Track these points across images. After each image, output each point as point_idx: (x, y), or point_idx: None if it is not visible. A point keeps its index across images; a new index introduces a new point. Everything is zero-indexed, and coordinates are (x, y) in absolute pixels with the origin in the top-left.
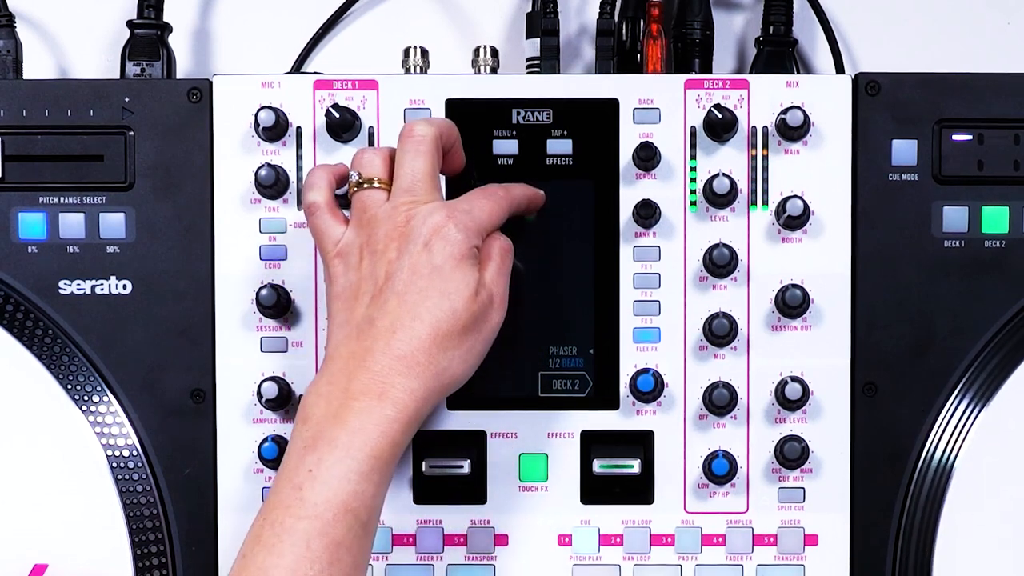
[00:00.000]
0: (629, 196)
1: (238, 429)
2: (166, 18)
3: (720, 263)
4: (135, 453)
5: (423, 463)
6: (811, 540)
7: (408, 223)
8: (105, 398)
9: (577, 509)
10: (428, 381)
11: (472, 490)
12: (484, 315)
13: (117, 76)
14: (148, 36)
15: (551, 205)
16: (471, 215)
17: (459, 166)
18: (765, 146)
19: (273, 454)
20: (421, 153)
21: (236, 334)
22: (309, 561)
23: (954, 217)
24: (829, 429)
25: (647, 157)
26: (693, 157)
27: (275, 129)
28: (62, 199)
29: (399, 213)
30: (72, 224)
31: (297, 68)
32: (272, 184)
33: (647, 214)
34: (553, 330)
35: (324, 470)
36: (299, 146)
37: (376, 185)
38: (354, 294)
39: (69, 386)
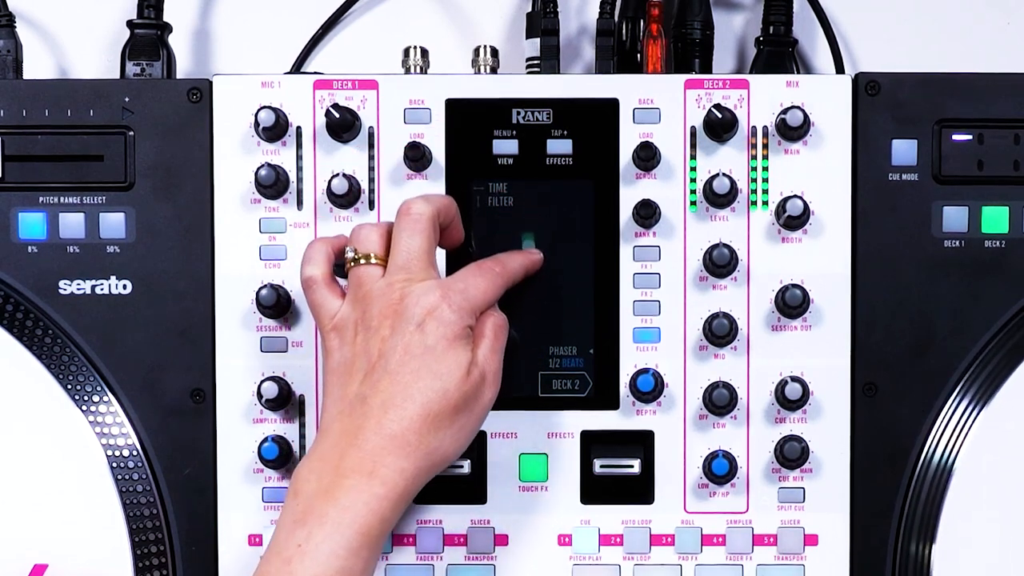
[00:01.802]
0: (629, 196)
1: (238, 429)
2: (166, 18)
3: (720, 263)
4: (135, 453)
5: None
6: (811, 540)
7: (402, 301)
8: (105, 398)
9: (577, 509)
10: (418, 460)
11: (472, 490)
12: (476, 394)
13: (117, 76)
14: (148, 36)
15: (551, 204)
16: (465, 295)
17: (458, 240)
18: (765, 146)
19: (273, 454)
20: (417, 232)
21: (236, 334)
22: None
23: (954, 217)
24: (829, 429)
25: (647, 157)
26: (693, 157)
27: (275, 129)
28: (62, 199)
29: (394, 291)
30: (72, 224)
31: (297, 68)
32: (272, 184)
33: (647, 214)
34: (553, 330)
35: (313, 546)
36: (299, 146)
37: (373, 261)
38: (348, 369)
39: (69, 386)
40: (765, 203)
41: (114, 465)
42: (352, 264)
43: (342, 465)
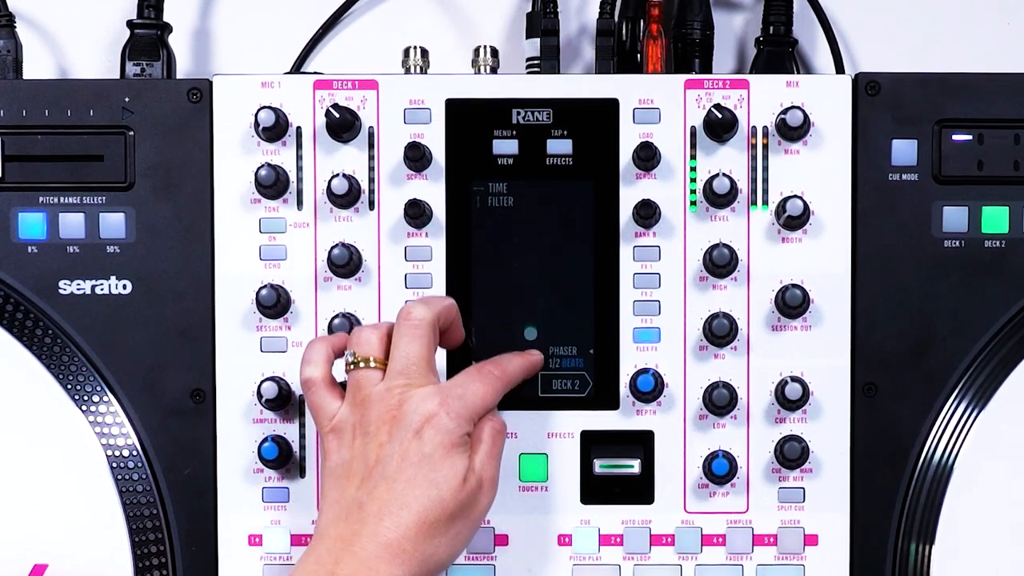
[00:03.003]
0: (629, 196)
1: (238, 429)
2: (166, 18)
3: (720, 263)
4: (135, 453)
5: None
6: (811, 540)
7: (401, 407)
8: (105, 398)
9: (577, 509)
10: (413, 568)
11: None
12: (472, 502)
13: (117, 76)
14: (148, 36)
15: (551, 203)
16: (464, 401)
17: (457, 341)
18: (765, 146)
19: (273, 454)
20: (417, 337)
21: (236, 334)
22: None
23: (954, 217)
24: (829, 429)
25: (647, 157)
26: (693, 157)
27: (275, 129)
28: (62, 199)
29: (392, 396)
30: (72, 224)
31: (297, 68)
32: (272, 184)
33: (647, 214)
34: (553, 330)
35: None
36: (299, 146)
37: (372, 365)
38: (346, 473)
39: (69, 386)
40: (765, 203)
41: (114, 465)
42: (351, 367)
43: (337, 571)
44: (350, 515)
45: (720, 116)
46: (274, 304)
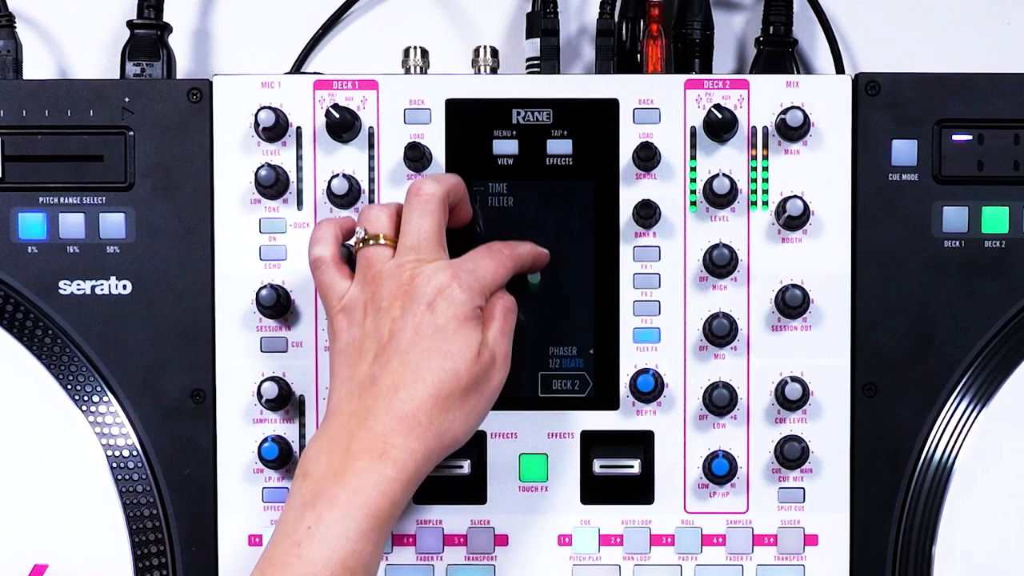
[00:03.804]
0: (629, 196)
1: (238, 429)
2: (166, 18)
3: (720, 263)
4: (135, 453)
5: None
6: (811, 540)
7: (412, 282)
8: (105, 398)
9: (577, 509)
10: (429, 442)
11: (472, 490)
12: (486, 375)
13: (117, 76)
14: (148, 36)
15: (551, 204)
16: (475, 275)
17: (466, 219)
18: (765, 146)
19: (273, 454)
20: (428, 212)
21: (236, 334)
22: None
23: (954, 217)
24: (829, 429)
25: (647, 157)
26: (693, 157)
27: (275, 129)
28: (62, 199)
29: (404, 271)
30: (72, 224)
31: (297, 68)
32: (272, 184)
33: (647, 214)
34: (553, 330)
35: (323, 528)
36: (299, 146)
37: (382, 242)
38: (357, 351)
39: (69, 386)
40: (765, 203)
41: (114, 465)
42: (361, 245)
43: (352, 447)
44: (364, 391)
45: (720, 116)
46: (274, 304)
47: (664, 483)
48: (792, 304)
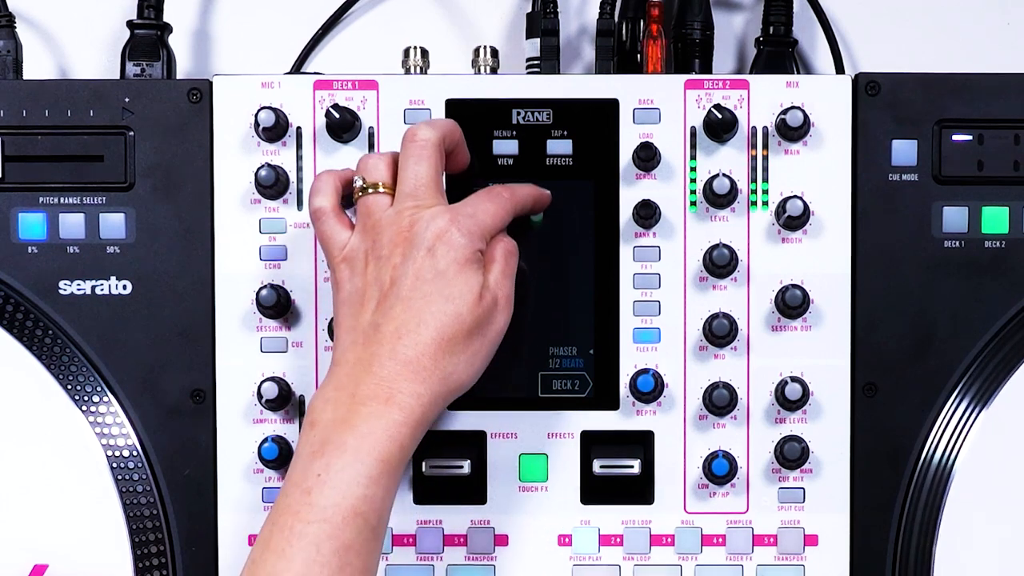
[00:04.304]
0: (629, 196)
1: (238, 429)
2: (166, 18)
3: (720, 263)
4: (135, 453)
5: (423, 463)
6: (811, 540)
7: (412, 228)
8: (105, 398)
9: (577, 509)
10: (434, 386)
11: (472, 490)
12: (489, 318)
13: (117, 76)
14: (148, 36)
15: (551, 205)
16: (475, 219)
17: (463, 165)
18: (765, 146)
19: (273, 454)
20: (424, 158)
21: (236, 334)
22: (319, 565)
23: (954, 217)
24: (829, 429)
25: (647, 157)
26: (693, 157)
27: (275, 129)
28: (62, 199)
29: (403, 218)
30: (72, 224)
31: (297, 68)
32: (272, 184)
33: (647, 214)
34: (553, 330)
35: (333, 474)
36: (299, 146)
37: (380, 190)
38: (360, 299)
39: (69, 386)
40: (765, 203)
41: (114, 465)
42: (360, 194)
43: (358, 393)
44: (368, 338)
45: (720, 116)
46: (274, 304)
47: (664, 483)
48: (792, 304)
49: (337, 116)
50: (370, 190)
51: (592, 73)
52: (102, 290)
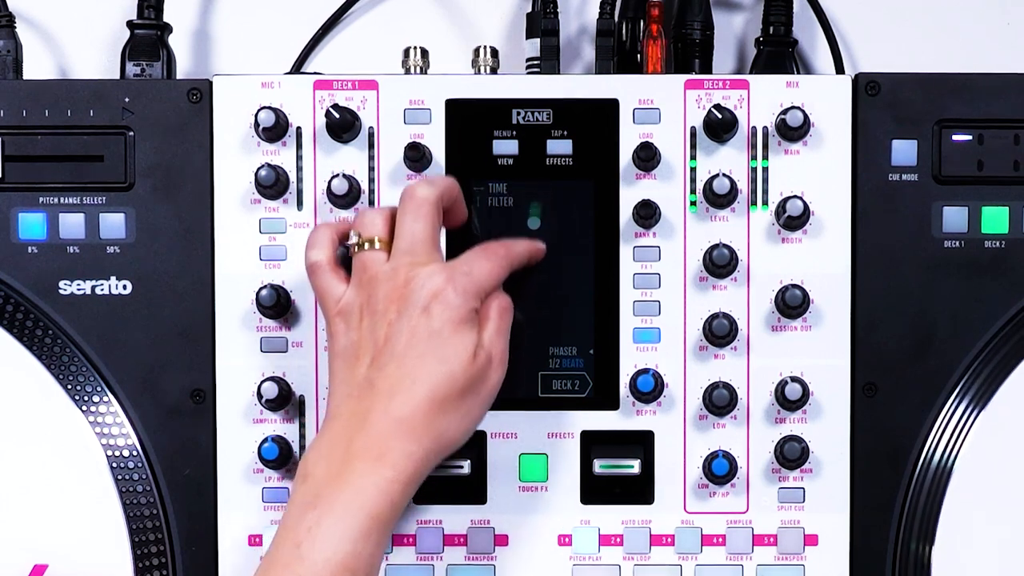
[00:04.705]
0: (629, 196)
1: (238, 429)
2: (166, 18)
3: (720, 263)
4: (135, 453)
5: None
6: (811, 540)
7: (408, 285)
8: (105, 398)
9: (577, 509)
10: (427, 444)
11: (472, 490)
12: (483, 377)
13: (117, 76)
14: (148, 36)
15: (551, 205)
16: (470, 277)
17: (461, 220)
18: (765, 146)
19: (273, 454)
20: (421, 216)
21: (236, 334)
22: None
23: (954, 217)
24: (829, 429)
25: (647, 157)
26: (693, 157)
27: (275, 129)
28: (62, 199)
29: (399, 275)
30: (72, 224)
31: (297, 68)
32: (272, 184)
33: (647, 214)
34: (553, 330)
35: (323, 529)
36: (299, 146)
37: (376, 246)
38: (355, 354)
39: (69, 386)
40: (765, 203)
41: (114, 465)
42: (357, 249)
43: (351, 449)
44: (362, 394)
45: (720, 116)
46: (274, 304)
47: (664, 483)
48: (792, 304)
49: (337, 116)
50: (366, 245)
51: (592, 73)
52: (102, 290)
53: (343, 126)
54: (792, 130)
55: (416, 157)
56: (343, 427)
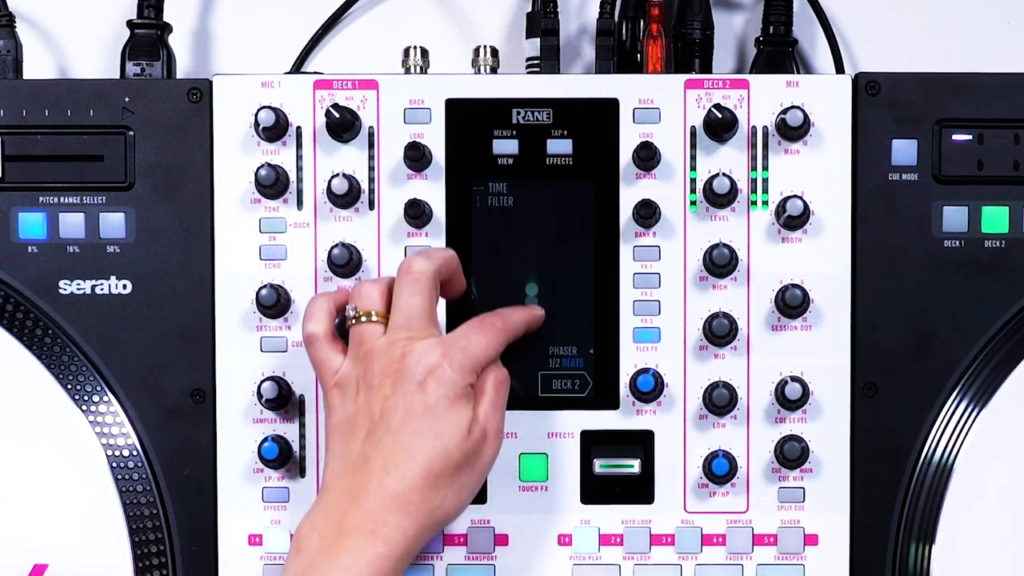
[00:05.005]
0: (629, 196)
1: (238, 429)
2: (166, 18)
3: (720, 263)
4: (135, 453)
5: None
6: (811, 540)
7: (404, 360)
8: (105, 398)
9: (577, 509)
10: (420, 519)
11: None
12: (477, 452)
13: (117, 76)
14: (148, 36)
15: (551, 205)
16: (466, 352)
17: (459, 292)
18: (765, 146)
19: (273, 454)
20: (418, 291)
21: (236, 334)
22: None
23: (954, 217)
24: (829, 429)
25: (647, 157)
26: (693, 157)
27: (275, 129)
28: (62, 199)
29: (395, 349)
30: (72, 224)
31: (297, 68)
32: (272, 184)
33: (647, 214)
34: (553, 330)
35: None
36: (299, 146)
37: (374, 319)
38: (350, 427)
39: (69, 386)
40: (765, 203)
41: (114, 465)
42: (353, 322)
43: (344, 524)
44: (356, 468)
45: (720, 116)
46: (274, 304)
47: (664, 483)
48: (792, 304)
49: (337, 116)
50: (363, 318)
51: (592, 73)
52: (102, 290)
53: (343, 126)
54: (792, 130)
55: (416, 157)
56: (337, 500)
